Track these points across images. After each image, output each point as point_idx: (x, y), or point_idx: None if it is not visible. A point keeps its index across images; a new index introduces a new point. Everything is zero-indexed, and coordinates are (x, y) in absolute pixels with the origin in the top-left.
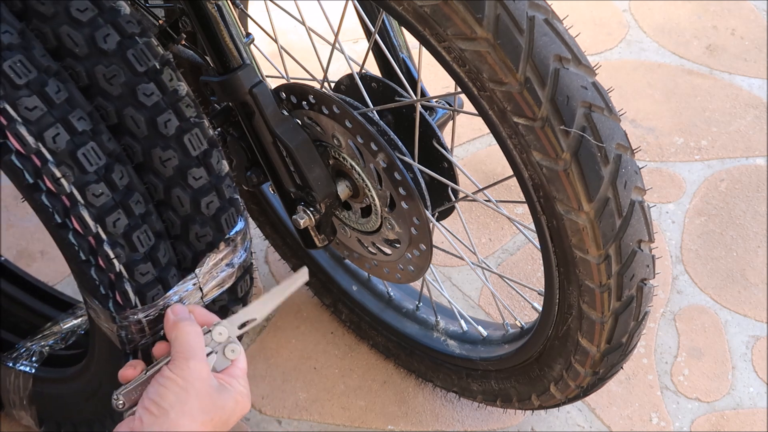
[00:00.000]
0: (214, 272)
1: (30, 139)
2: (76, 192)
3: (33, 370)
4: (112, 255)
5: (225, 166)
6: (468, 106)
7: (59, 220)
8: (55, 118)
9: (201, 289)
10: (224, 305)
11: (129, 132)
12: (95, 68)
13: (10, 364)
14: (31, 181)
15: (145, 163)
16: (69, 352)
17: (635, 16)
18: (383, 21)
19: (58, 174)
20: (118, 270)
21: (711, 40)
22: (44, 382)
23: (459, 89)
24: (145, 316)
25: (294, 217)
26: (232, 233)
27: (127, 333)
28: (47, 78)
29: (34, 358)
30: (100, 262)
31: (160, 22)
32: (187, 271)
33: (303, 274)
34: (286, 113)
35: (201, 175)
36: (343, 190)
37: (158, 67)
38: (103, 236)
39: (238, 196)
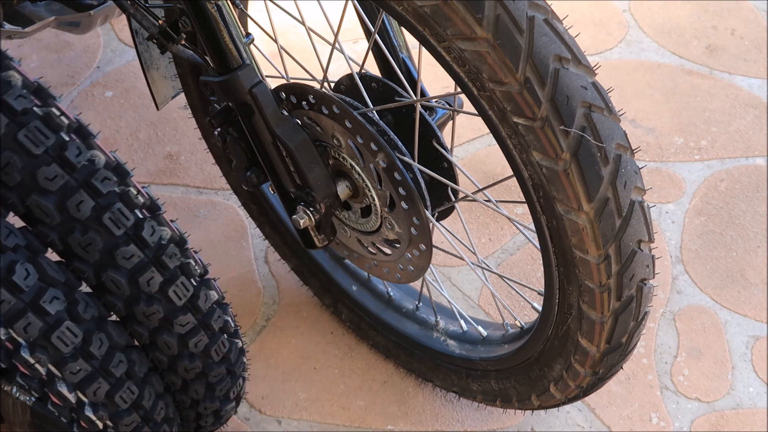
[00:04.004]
0: None
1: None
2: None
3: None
4: None
5: (239, 344)
6: (468, 106)
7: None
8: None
9: None
10: None
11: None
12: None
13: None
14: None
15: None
16: None
17: (635, 16)
18: (383, 21)
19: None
20: None
21: (711, 40)
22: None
23: (459, 89)
24: None
25: (294, 217)
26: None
27: None
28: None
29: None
30: None
31: (160, 22)
32: None
33: None
34: (285, 113)
35: (221, 373)
36: (342, 190)
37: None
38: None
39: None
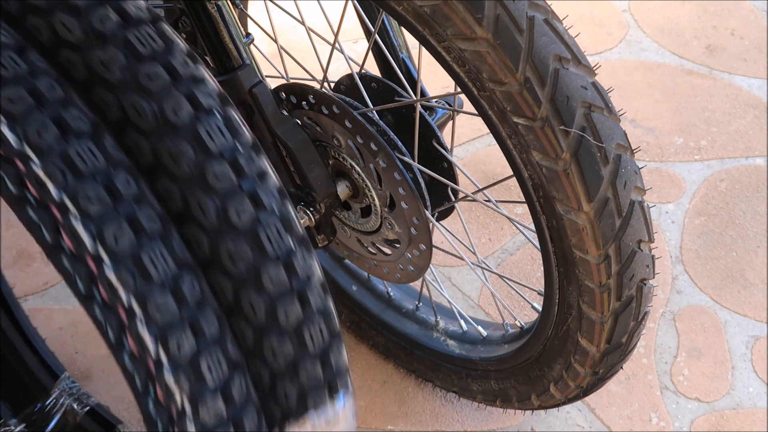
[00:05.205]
0: None
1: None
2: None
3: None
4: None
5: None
6: (468, 106)
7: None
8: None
9: None
10: None
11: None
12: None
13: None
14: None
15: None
16: None
17: (635, 16)
18: (383, 21)
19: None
20: None
21: (711, 40)
22: None
23: (459, 89)
24: None
25: None
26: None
27: None
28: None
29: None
30: None
31: None
32: None
33: None
34: (285, 113)
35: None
36: (342, 190)
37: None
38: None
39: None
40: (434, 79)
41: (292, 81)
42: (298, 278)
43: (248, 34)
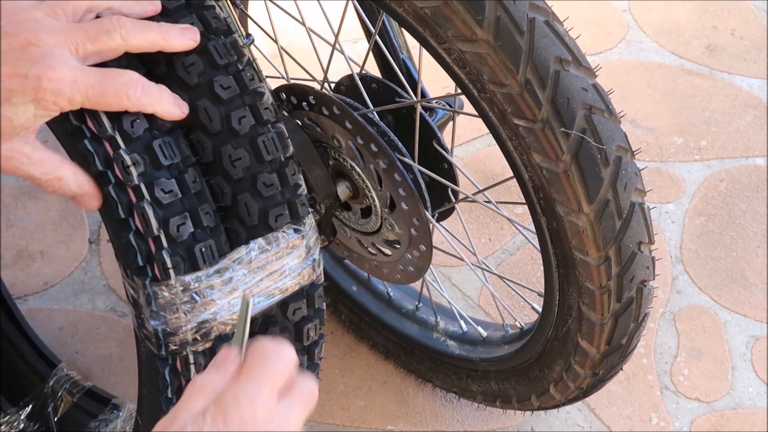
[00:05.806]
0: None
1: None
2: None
3: None
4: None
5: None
6: (468, 107)
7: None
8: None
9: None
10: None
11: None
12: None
13: None
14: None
15: None
16: None
17: (635, 16)
18: (383, 22)
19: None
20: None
21: (711, 40)
22: None
23: (459, 90)
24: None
25: None
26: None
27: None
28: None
29: None
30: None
31: None
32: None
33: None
34: (286, 114)
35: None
36: (343, 191)
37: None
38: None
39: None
40: (435, 80)
41: (292, 81)
42: (247, 91)
43: (248, 35)
